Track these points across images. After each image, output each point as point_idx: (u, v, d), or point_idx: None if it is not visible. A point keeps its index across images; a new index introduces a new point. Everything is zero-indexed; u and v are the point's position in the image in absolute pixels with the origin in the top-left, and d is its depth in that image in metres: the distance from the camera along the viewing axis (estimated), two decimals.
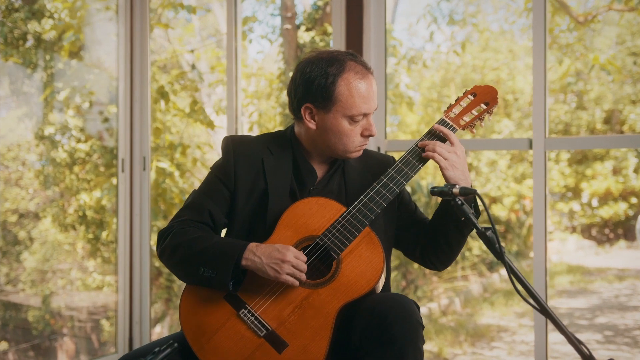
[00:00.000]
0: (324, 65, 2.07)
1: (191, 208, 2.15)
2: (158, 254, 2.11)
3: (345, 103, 2.04)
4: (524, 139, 3.25)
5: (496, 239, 1.73)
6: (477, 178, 8.08)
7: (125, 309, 4.26)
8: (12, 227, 5.22)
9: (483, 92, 2.20)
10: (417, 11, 7.59)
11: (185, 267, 2.05)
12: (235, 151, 2.16)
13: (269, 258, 1.95)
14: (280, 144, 2.19)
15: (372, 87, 2.08)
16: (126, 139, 4.13)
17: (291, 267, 1.93)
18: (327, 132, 2.08)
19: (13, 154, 5.26)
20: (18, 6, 5.25)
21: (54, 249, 5.42)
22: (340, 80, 2.04)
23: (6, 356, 4.89)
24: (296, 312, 1.99)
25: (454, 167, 2.05)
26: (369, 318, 1.90)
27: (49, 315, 5.35)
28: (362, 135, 2.09)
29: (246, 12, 6.36)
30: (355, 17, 3.52)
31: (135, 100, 4.12)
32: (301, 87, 2.09)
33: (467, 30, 7.87)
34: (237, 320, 2.01)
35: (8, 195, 5.18)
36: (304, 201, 2.09)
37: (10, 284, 5.22)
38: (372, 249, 2.03)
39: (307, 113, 2.09)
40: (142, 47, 4.12)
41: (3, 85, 5.25)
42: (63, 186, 5.21)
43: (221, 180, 2.15)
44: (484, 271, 7.44)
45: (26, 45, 5.22)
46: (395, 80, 7.04)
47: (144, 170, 4.11)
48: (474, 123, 2.17)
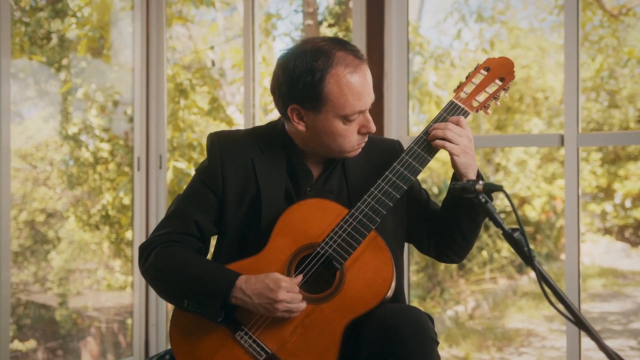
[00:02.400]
0: (309, 59, 1.79)
1: (175, 217, 1.93)
2: (141, 272, 1.91)
3: (337, 102, 1.79)
4: (555, 134, 3.12)
5: (525, 242, 1.51)
6: (506, 178, 7.92)
7: (141, 310, 4.19)
8: (40, 226, 5.23)
9: (497, 65, 1.94)
10: (445, 8, 7.45)
11: (169, 296, 1.87)
12: (222, 151, 1.94)
13: (260, 298, 1.75)
14: (272, 141, 1.96)
15: (366, 79, 1.83)
16: (142, 137, 4.07)
17: (285, 305, 1.74)
18: (319, 134, 1.84)
19: (41, 154, 5.27)
20: (42, 6, 5.25)
21: (81, 248, 5.42)
22: (329, 77, 1.78)
23: (35, 354, 4.90)
24: (298, 332, 1.79)
25: (465, 152, 1.84)
26: (379, 332, 1.72)
27: (75, 314, 5.35)
28: (360, 132, 1.86)
29: (270, 9, 6.31)
30: (376, 11, 3.42)
31: (151, 97, 4.06)
32: (285, 85, 1.83)
33: (496, 28, 7.73)
34: (234, 344, 1.82)
35: (36, 195, 5.19)
36: (301, 204, 1.88)
37: (38, 283, 5.22)
38: (379, 256, 1.81)
39: (295, 115, 1.85)
40: (159, 44, 4.07)
41: (29, 84, 5.26)
42: (87, 186, 5.20)
43: (207, 186, 1.93)
44: (512, 273, 7.28)
45: (50, 45, 5.22)
46: (422, 78, 6.92)
47: (160, 169, 4.05)
48: (488, 103, 1.94)
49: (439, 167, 7.66)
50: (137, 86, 4.07)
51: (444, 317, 6.19)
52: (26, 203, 5.12)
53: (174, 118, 5.43)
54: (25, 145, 5.23)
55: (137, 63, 4.07)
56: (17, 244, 5.11)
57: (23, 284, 5.15)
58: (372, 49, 3.42)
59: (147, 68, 4.05)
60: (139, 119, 4.08)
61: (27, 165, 5.27)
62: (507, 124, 7.81)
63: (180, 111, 5.45)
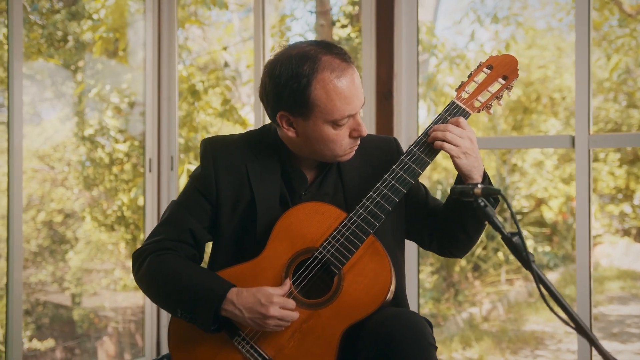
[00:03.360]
0: (295, 65, 1.76)
1: (169, 225, 1.92)
2: (135, 280, 1.90)
3: (325, 108, 1.75)
4: (566, 136, 3.09)
5: (523, 246, 1.50)
6: (522, 179, 7.85)
7: (152, 311, 4.21)
8: (57, 227, 5.28)
9: (500, 63, 1.90)
10: (460, 9, 7.41)
11: (162, 305, 1.87)
12: (215, 158, 1.92)
13: (250, 312, 1.73)
14: (265, 145, 1.94)
15: (353, 83, 1.78)
16: (153, 139, 4.09)
17: (277, 321, 1.73)
18: (310, 140, 1.81)
19: (59, 155, 5.31)
20: (58, 8, 5.30)
21: (98, 249, 5.46)
22: (315, 82, 1.74)
23: (54, 353, 4.94)
24: (295, 337, 1.78)
25: (466, 154, 1.79)
26: (375, 340, 1.70)
27: (93, 314, 5.39)
28: (351, 136, 1.83)
29: (285, 10, 6.31)
30: (385, 12, 3.42)
31: (163, 99, 4.07)
32: (272, 92, 1.80)
33: (512, 28, 7.67)
34: (231, 349, 1.82)
35: (54, 195, 5.24)
36: (298, 207, 1.86)
37: (56, 283, 5.27)
38: (378, 261, 1.78)
39: (284, 121, 1.82)
40: (170, 46, 4.08)
41: (47, 86, 5.31)
42: (102, 187, 5.24)
43: (201, 193, 1.92)
44: (529, 275, 7.21)
45: (66, 47, 5.26)
46: (437, 80, 6.89)
47: (171, 170, 4.07)
48: (490, 103, 1.90)
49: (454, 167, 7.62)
50: (149, 88, 4.09)
51: (458, 319, 6.15)
52: (44, 203, 5.17)
53: (189, 119, 5.46)
54: (44, 146, 5.28)
55: (149, 65, 4.09)
56: (35, 244, 5.16)
57: (41, 283, 5.20)
58: (381, 49, 3.41)
59: (159, 70, 4.07)
60: (151, 121, 4.10)
61: (45, 166, 5.32)
62: (523, 124, 7.75)
63: (195, 112, 5.47)
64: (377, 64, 3.41)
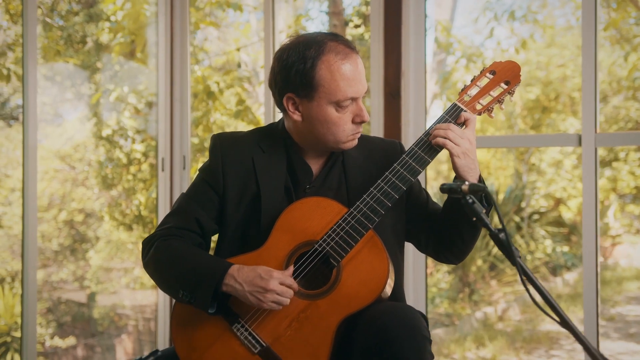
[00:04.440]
0: (302, 48, 1.86)
1: (177, 214, 1.99)
2: (143, 265, 1.98)
3: (329, 88, 1.83)
4: (572, 134, 3.08)
5: (508, 242, 1.53)
6: (540, 178, 7.80)
7: (165, 308, 4.26)
8: (78, 226, 5.35)
9: (504, 69, 1.94)
10: (478, 8, 7.38)
11: (166, 286, 1.92)
12: (224, 151, 2.00)
13: (250, 285, 1.78)
14: (272, 140, 2.01)
15: (357, 67, 1.86)
16: (166, 138, 4.13)
17: (275, 295, 1.77)
18: (313, 122, 1.88)
19: (79, 155, 5.39)
20: (77, 10, 5.37)
21: (118, 247, 5.52)
22: (320, 63, 1.83)
23: (75, 351, 5.01)
24: (293, 326, 1.83)
25: (465, 155, 1.83)
26: (370, 332, 1.74)
27: (112, 312, 5.46)
28: (354, 122, 1.90)
29: (301, 10, 6.34)
30: (393, 11, 3.43)
31: (175, 99, 4.12)
32: (279, 75, 1.89)
33: (530, 26, 7.62)
34: (230, 335, 1.87)
35: (75, 195, 5.31)
36: (302, 202, 1.91)
37: (77, 281, 5.34)
38: (376, 255, 1.83)
39: (290, 104, 1.91)
40: (182, 48, 4.12)
41: (67, 87, 5.39)
42: (120, 187, 5.30)
43: (209, 184, 1.99)
44: (547, 275, 7.17)
45: (85, 48, 5.34)
46: (454, 78, 6.87)
47: (184, 170, 4.11)
48: (492, 106, 1.93)
49: None
50: (162, 89, 4.14)
51: (472, 318, 6.14)
52: (65, 203, 5.24)
53: (205, 119, 5.50)
54: (65, 147, 5.36)
55: (162, 66, 4.14)
56: (56, 243, 5.24)
57: (63, 282, 5.28)
58: (389, 49, 3.43)
59: (172, 71, 4.12)
60: (164, 121, 4.15)
61: (66, 166, 5.40)
62: (541, 123, 7.70)
63: (212, 112, 5.51)
64: (385, 63, 3.42)
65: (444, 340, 5.77)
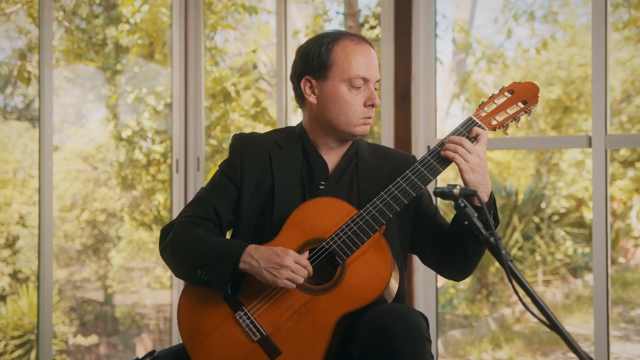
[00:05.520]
0: (319, 37, 2.04)
1: (196, 204, 2.08)
2: (160, 251, 2.06)
3: (342, 66, 1.97)
4: (582, 136, 3.07)
5: (498, 245, 1.56)
6: (560, 178, 7.73)
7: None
8: (101, 226, 5.42)
9: (522, 89, 1.99)
10: (498, 7, 7.34)
11: (183, 268, 1.99)
12: (243, 147, 2.10)
13: (267, 262, 1.85)
14: (290, 137, 2.12)
15: (370, 54, 2.01)
16: (180, 140, 4.17)
17: (290, 272, 1.84)
18: (327, 103, 2.00)
19: (102, 156, 5.46)
20: (98, 13, 5.45)
21: (139, 247, 5.59)
22: (336, 45, 1.99)
23: (97, 349, 5.09)
24: (294, 319, 1.89)
25: (474, 170, 1.88)
26: (369, 331, 1.78)
27: (134, 311, 5.53)
28: (365, 105, 2.00)
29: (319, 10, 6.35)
30: (404, 14, 3.44)
31: (189, 100, 4.16)
32: (299, 62, 2.05)
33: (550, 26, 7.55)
34: (233, 322, 1.94)
35: (97, 195, 5.38)
36: (314, 201, 1.98)
37: (99, 280, 5.42)
38: (381, 256, 1.88)
39: (307, 87, 2.03)
40: (197, 49, 4.16)
41: (89, 89, 5.47)
42: (140, 187, 5.36)
43: (227, 176, 2.08)
44: (567, 276, 7.10)
45: (106, 50, 5.41)
46: (473, 78, 6.84)
47: (198, 171, 4.15)
48: (507, 123, 1.98)
49: (492, 167, 7.55)
50: (176, 90, 4.18)
51: (490, 320, 6.10)
52: (87, 203, 5.31)
53: (224, 120, 5.54)
54: (87, 147, 5.44)
55: (176, 68, 4.18)
56: (79, 243, 5.31)
57: (85, 281, 5.36)
58: (399, 51, 3.43)
59: (186, 73, 4.16)
60: (178, 123, 4.19)
61: (88, 166, 5.47)
62: (562, 123, 7.62)
63: (230, 113, 5.55)
64: (395, 65, 3.43)
65: (460, 341, 5.75)
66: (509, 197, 6.86)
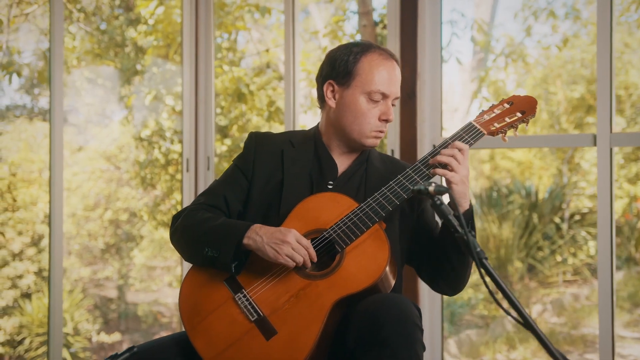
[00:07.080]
0: (350, 46, 2.12)
1: (207, 194, 2.19)
2: (170, 236, 2.16)
3: (365, 78, 2.05)
4: (587, 134, 3.04)
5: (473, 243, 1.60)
6: (582, 178, 7.62)
7: None
8: (123, 225, 5.50)
9: (521, 101, 2.11)
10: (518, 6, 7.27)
11: (191, 247, 2.07)
12: (257, 143, 2.20)
13: (269, 237, 1.94)
14: (304, 138, 2.21)
15: (394, 71, 2.08)
16: (191, 139, 4.21)
17: (290, 249, 1.92)
18: (344, 110, 2.08)
19: (124, 155, 5.54)
20: (117, 14, 5.53)
21: (161, 246, 5.66)
22: (363, 57, 2.07)
23: (120, 346, 5.17)
24: (291, 301, 1.96)
25: (463, 182, 1.97)
26: (363, 319, 1.84)
27: (156, 310, 5.60)
28: (380, 119, 2.08)
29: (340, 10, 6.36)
30: (409, 14, 3.44)
31: (200, 100, 4.19)
32: (326, 66, 2.14)
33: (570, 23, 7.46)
34: (232, 303, 2.01)
35: (120, 194, 5.46)
36: (318, 195, 2.08)
37: (122, 279, 5.50)
38: (378, 245, 1.96)
39: (329, 90, 2.12)
40: (207, 49, 4.20)
41: (109, 89, 5.55)
42: (159, 187, 5.42)
43: (240, 169, 2.18)
44: (588, 277, 7.00)
45: (125, 51, 5.48)
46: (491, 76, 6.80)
47: (208, 170, 4.19)
48: (505, 129, 2.08)
49: (513, 166, 7.49)
50: (187, 91, 4.22)
51: (505, 320, 6.05)
52: (110, 202, 5.39)
53: (240, 120, 5.58)
54: (110, 147, 5.52)
55: (186, 69, 4.22)
56: (102, 242, 5.40)
57: (108, 280, 5.44)
58: (405, 50, 3.43)
59: (196, 73, 4.21)
60: (188, 123, 4.23)
61: (111, 166, 5.55)
62: (583, 122, 7.52)
63: (246, 113, 5.58)
64: (402, 64, 3.43)
65: (474, 342, 5.72)
66: (528, 197, 6.80)
